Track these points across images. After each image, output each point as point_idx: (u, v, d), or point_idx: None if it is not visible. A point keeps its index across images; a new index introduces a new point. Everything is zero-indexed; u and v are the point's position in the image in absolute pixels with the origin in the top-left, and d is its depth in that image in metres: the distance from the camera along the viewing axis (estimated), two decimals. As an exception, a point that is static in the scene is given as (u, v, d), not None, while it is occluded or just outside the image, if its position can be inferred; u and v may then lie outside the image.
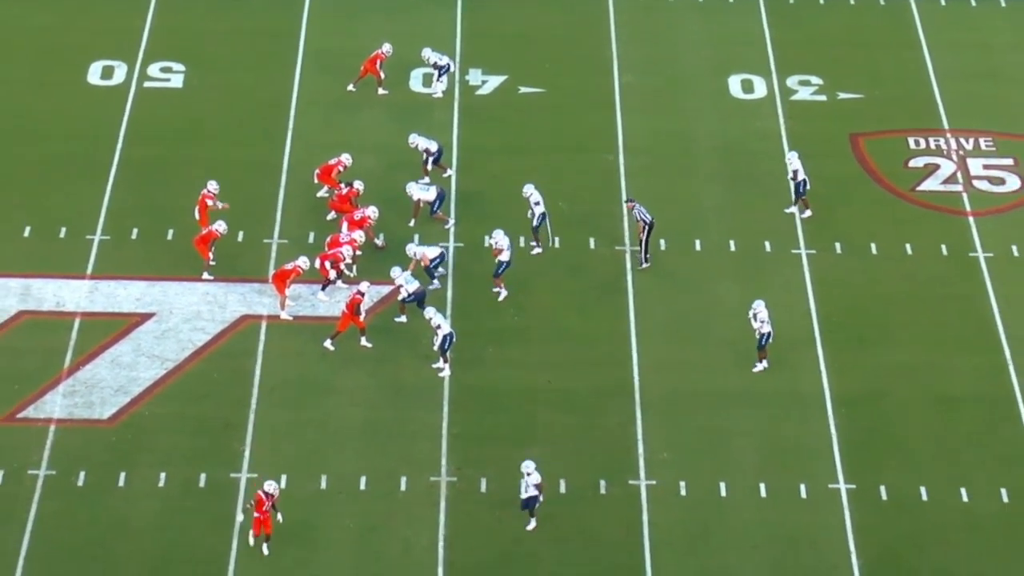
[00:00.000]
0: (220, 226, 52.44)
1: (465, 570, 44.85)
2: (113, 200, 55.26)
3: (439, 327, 49.45)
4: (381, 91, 59.51)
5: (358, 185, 54.24)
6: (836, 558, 45.34)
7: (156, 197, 55.14)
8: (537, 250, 53.46)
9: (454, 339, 49.46)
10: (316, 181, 55.31)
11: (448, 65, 59.81)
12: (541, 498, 44.67)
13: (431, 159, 55.92)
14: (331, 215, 54.43)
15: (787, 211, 55.28)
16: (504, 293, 52.04)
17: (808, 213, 55.18)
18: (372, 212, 53.35)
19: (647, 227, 53.23)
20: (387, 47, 59.60)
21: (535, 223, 53.34)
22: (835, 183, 56.94)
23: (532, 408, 49.16)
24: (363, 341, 50.53)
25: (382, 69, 59.71)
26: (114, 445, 47.80)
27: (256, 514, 43.85)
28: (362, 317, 50.32)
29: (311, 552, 45.23)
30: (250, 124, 58.92)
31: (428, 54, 59.56)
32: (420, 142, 56.00)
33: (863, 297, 52.89)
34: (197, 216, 53.27)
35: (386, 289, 52.00)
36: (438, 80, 59.87)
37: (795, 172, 54.89)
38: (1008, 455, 48.12)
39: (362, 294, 50.30)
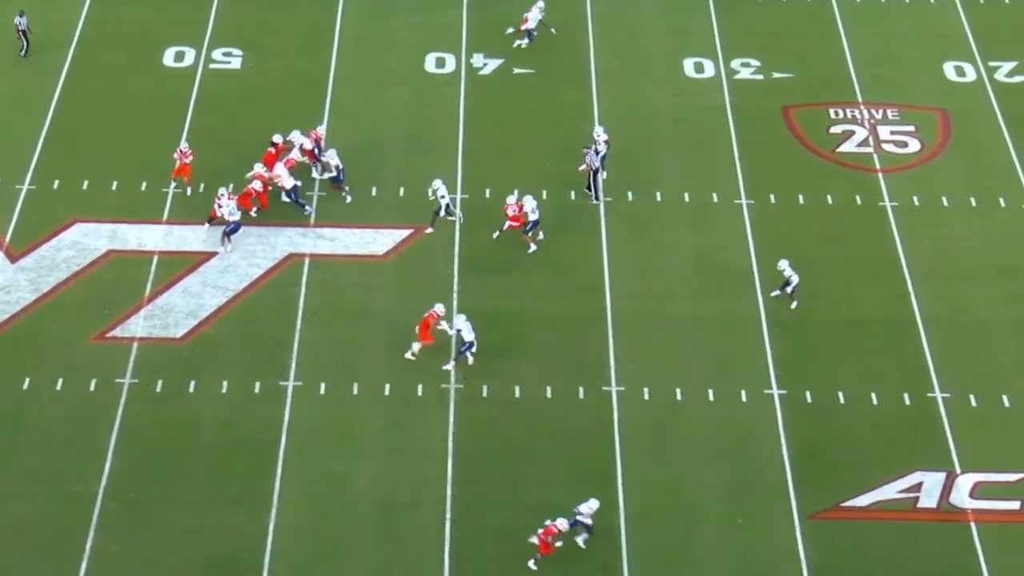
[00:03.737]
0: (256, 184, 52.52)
1: (470, 459, 44.86)
2: (184, 160, 55.00)
3: (462, 332, 47.34)
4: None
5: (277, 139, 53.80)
6: (770, 449, 45.32)
7: (219, 157, 54.64)
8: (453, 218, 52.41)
9: (474, 347, 47.32)
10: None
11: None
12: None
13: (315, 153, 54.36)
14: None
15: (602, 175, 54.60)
16: (533, 247, 51.62)
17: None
18: (321, 131, 54.06)
19: (594, 172, 53.08)
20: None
21: (440, 211, 51.94)
22: (770, 146, 56.63)
23: (524, 328, 49.00)
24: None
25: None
26: (185, 359, 47.72)
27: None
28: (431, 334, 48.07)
29: (347, 444, 45.36)
30: (295, 98, 58.35)
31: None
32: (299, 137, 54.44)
33: (792, 238, 52.60)
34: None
35: (404, 232, 51.84)
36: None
37: (606, 142, 53.93)
38: (909, 366, 48.02)
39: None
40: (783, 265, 49.42)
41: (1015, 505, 43.97)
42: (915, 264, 51.72)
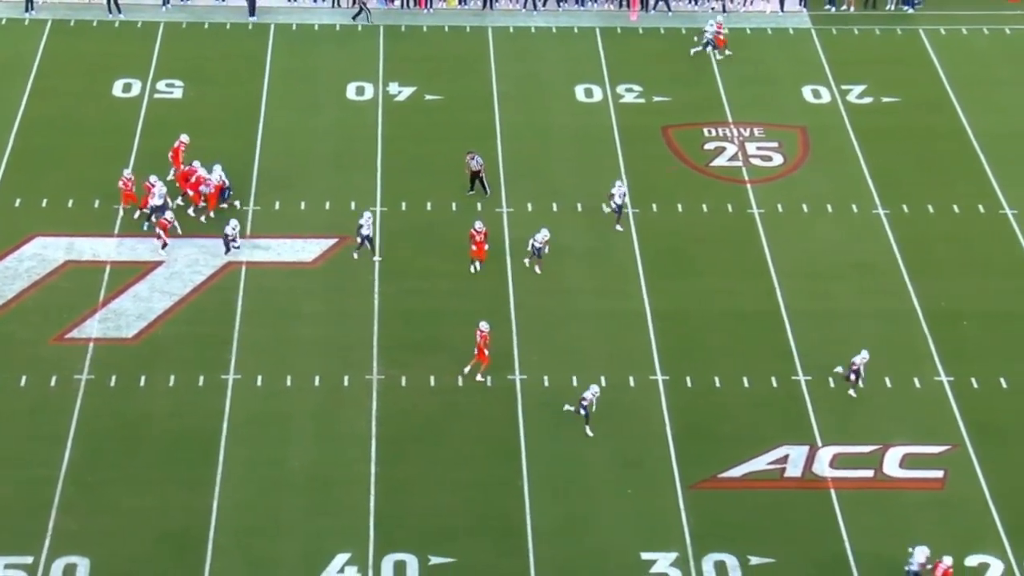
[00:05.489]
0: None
1: (391, 442, 44.78)
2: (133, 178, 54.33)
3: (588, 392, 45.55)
4: None
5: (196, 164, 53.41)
6: (656, 428, 45.49)
7: (162, 177, 54.05)
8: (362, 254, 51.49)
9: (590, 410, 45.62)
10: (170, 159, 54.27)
11: None
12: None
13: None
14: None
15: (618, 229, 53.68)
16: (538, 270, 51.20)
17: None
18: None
19: (480, 171, 53.60)
20: None
21: (364, 239, 51.03)
22: (651, 161, 56.77)
23: (438, 325, 48.91)
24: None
25: None
26: (136, 357, 47.32)
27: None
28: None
29: (282, 430, 45.15)
30: (231, 122, 58.00)
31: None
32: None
33: (673, 242, 52.81)
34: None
35: (331, 241, 51.68)
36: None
37: (617, 196, 53.05)
38: (776, 352, 48.31)
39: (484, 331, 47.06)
40: (864, 355, 46.48)
41: (869, 473, 44.35)
42: (781, 263, 51.98)
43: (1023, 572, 41.43)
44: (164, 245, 50.87)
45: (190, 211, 52.64)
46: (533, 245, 50.90)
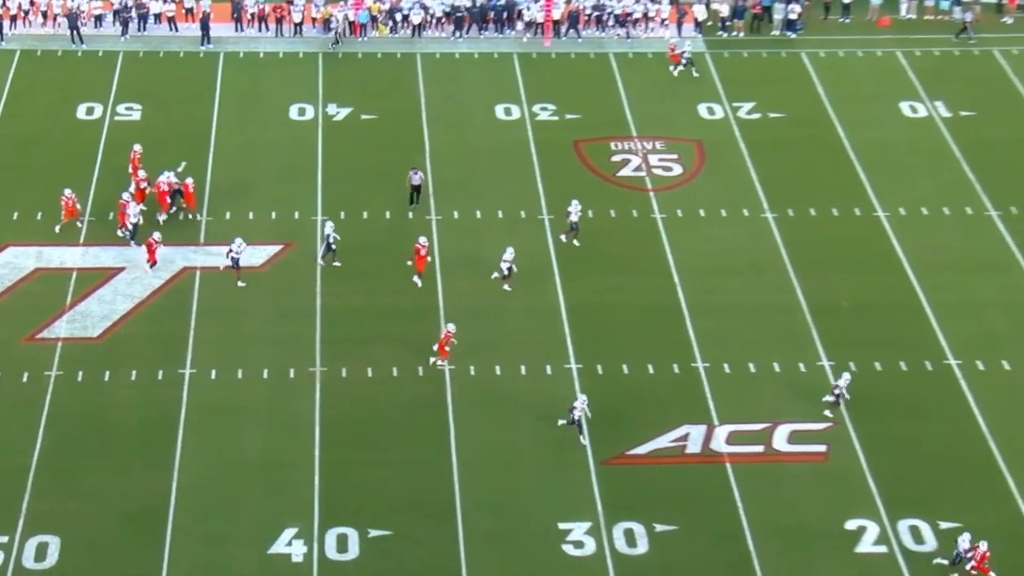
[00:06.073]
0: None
1: (333, 427, 45.02)
2: (96, 193, 54.26)
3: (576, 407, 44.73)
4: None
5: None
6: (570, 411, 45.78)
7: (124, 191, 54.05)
8: (330, 262, 51.48)
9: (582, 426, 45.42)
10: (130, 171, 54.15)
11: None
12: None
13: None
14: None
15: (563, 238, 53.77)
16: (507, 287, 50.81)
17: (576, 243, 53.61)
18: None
19: (420, 185, 53.68)
20: None
21: (331, 245, 51.06)
22: (564, 173, 57.12)
23: (375, 321, 49.15)
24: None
25: None
26: (101, 354, 47.32)
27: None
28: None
29: (234, 418, 45.31)
30: (185, 140, 57.77)
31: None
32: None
33: (585, 244, 53.09)
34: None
35: (277, 247, 51.80)
36: None
37: (574, 213, 53.09)
38: (675, 342, 48.82)
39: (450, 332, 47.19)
40: (846, 377, 46.08)
41: (760, 448, 44.94)
42: (681, 262, 52.44)
43: (896, 534, 42.26)
44: (152, 264, 50.56)
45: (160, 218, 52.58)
46: (503, 266, 50.41)
